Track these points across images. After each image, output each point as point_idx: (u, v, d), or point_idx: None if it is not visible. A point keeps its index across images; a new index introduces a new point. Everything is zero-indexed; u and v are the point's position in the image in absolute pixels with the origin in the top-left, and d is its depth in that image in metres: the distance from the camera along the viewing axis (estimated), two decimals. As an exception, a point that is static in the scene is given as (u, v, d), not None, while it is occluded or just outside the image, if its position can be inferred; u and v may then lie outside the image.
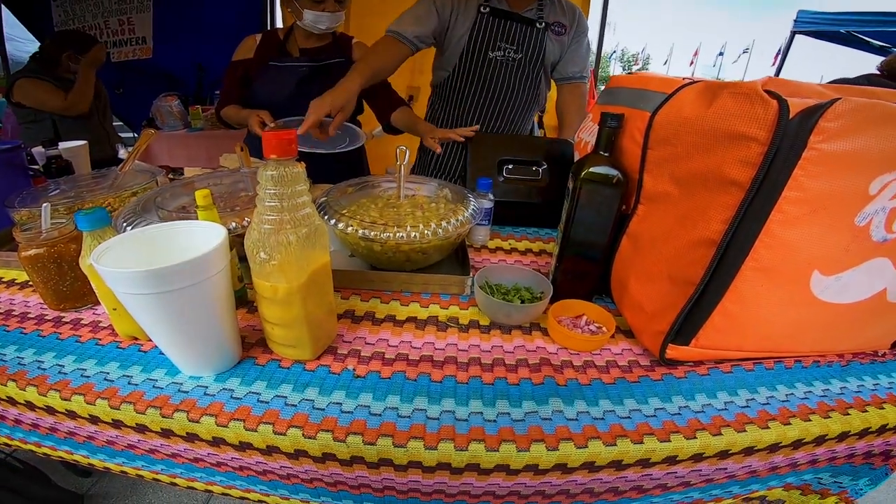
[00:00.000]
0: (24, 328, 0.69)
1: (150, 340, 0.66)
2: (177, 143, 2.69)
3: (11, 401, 0.61)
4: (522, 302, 0.73)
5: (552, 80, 1.50)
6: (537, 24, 1.34)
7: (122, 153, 1.15)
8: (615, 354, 0.68)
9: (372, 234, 0.74)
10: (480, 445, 0.52)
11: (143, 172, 1.10)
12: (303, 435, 0.52)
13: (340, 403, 0.56)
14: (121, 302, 0.52)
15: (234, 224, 0.78)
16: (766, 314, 0.60)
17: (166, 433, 0.56)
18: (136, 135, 3.18)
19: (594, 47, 3.29)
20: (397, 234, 0.74)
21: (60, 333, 0.68)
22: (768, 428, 0.56)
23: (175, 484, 0.68)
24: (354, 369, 0.62)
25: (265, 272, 0.54)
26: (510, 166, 1.07)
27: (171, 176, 1.20)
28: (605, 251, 0.73)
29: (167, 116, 2.75)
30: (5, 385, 0.59)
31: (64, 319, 0.72)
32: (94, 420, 0.58)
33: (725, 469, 0.60)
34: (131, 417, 0.56)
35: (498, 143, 1.12)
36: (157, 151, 2.68)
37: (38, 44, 3.02)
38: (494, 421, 0.55)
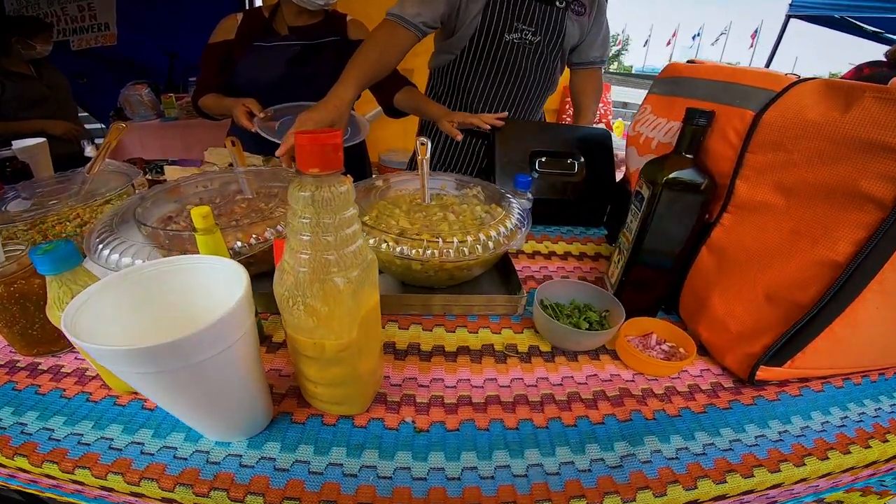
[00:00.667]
0: (-8, 381, 0.56)
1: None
2: (150, 133, 2.46)
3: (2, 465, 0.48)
4: (590, 324, 0.64)
5: (566, 65, 1.38)
6: (557, 3, 1.20)
7: (90, 150, 0.98)
8: (695, 377, 0.61)
9: (413, 252, 0.63)
10: (583, 502, 0.44)
11: (117, 174, 0.94)
12: None
13: (409, 468, 0.46)
14: (120, 378, 0.40)
15: (239, 244, 0.65)
16: (872, 335, 0.55)
17: None
18: (104, 126, 2.92)
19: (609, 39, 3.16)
20: (444, 251, 0.63)
21: (40, 386, 0.55)
22: (870, 447, 0.53)
23: None
24: (414, 421, 0.52)
25: (307, 327, 0.42)
26: (543, 159, 0.95)
27: (148, 177, 1.04)
28: (678, 260, 0.65)
29: (137, 106, 2.51)
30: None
31: (40, 367, 0.58)
32: (107, 490, 0.46)
33: (817, 486, 0.56)
34: (155, 493, 0.44)
35: (527, 132, 1.00)
36: (129, 143, 2.43)
37: None
38: (589, 471, 0.47)
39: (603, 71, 1.37)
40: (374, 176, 0.89)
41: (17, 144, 0.99)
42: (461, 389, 0.56)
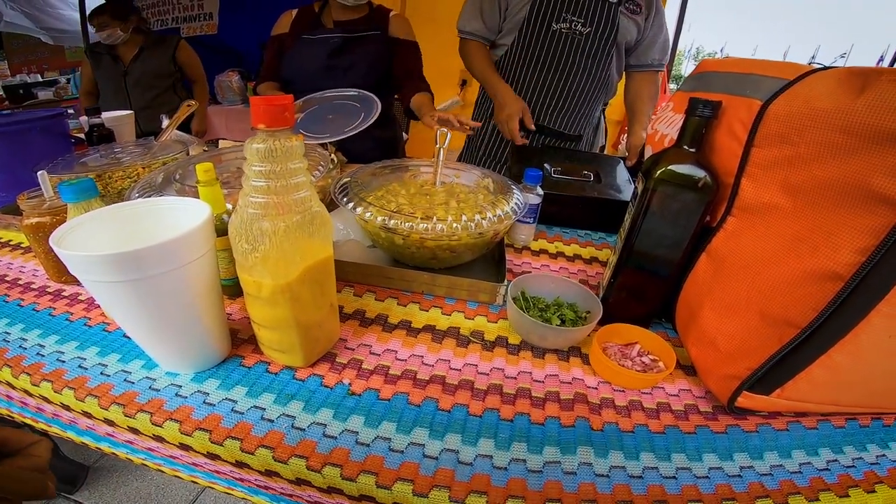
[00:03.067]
0: (23, 300, 0.66)
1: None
2: (235, 117, 2.72)
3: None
4: (563, 322, 0.60)
5: (623, 68, 1.33)
6: None
7: (165, 122, 1.12)
8: (670, 395, 0.55)
9: (391, 223, 0.64)
10: (482, 500, 0.41)
11: (178, 143, 1.06)
12: (273, 457, 0.44)
13: (325, 425, 0.47)
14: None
15: (245, 203, 0.71)
16: (883, 369, 0.45)
17: (134, 430, 0.50)
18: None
19: (670, 42, 3.00)
20: (420, 226, 0.63)
21: (54, 309, 0.64)
22: (847, 496, 0.44)
23: (162, 471, 0.63)
24: (351, 384, 0.52)
25: (248, 265, 0.45)
26: (559, 169, 0.93)
27: (205, 148, 1.16)
28: (675, 268, 0.59)
29: (227, 91, 2.80)
30: None
31: (63, 293, 0.67)
32: (66, 407, 0.52)
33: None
34: (97, 412, 0.49)
35: (544, 153, 0.99)
36: (217, 124, 2.73)
37: None
38: (505, 469, 0.44)
39: (661, 76, 1.30)
40: (397, 159, 0.91)
41: (107, 115, 1.16)
42: (410, 364, 0.56)
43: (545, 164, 1.00)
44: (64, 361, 0.54)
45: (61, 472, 1.26)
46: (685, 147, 0.54)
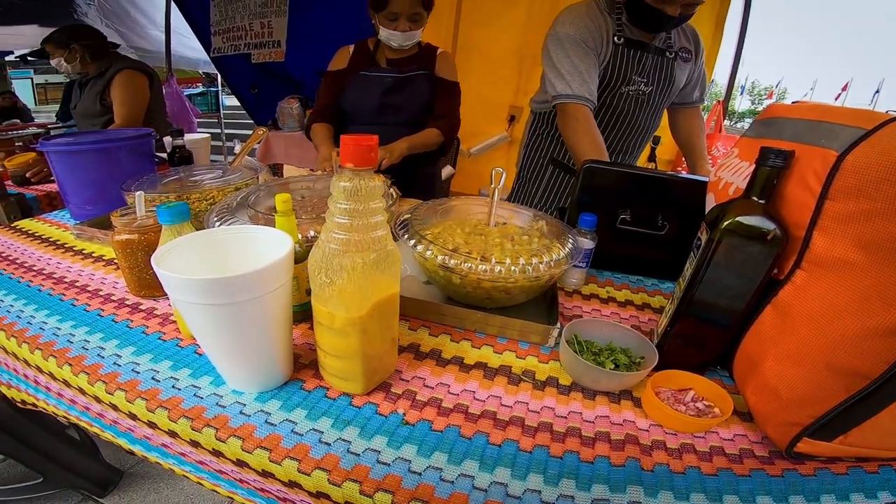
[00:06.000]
0: (103, 310, 0.72)
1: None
2: (293, 143, 2.86)
3: (67, 383, 0.62)
4: (616, 367, 0.60)
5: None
6: (667, 54, 1.20)
7: (237, 148, 1.21)
8: (724, 440, 0.54)
9: (452, 262, 0.66)
10: None
11: (249, 169, 1.14)
12: (328, 480, 0.46)
13: (379, 451, 0.49)
14: (176, 307, 0.50)
15: (312, 232, 0.75)
16: None
17: (194, 444, 0.53)
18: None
19: (726, 78, 2.97)
20: (480, 268, 0.65)
21: (132, 321, 0.69)
22: None
23: (201, 484, 0.66)
24: (405, 414, 0.54)
25: (324, 296, 0.48)
26: (626, 217, 0.88)
27: (271, 174, 1.25)
28: (737, 318, 0.58)
29: (287, 118, 2.95)
30: (61, 368, 0.60)
31: (140, 307, 0.73)
32: (132, 416, 0.56)
33: None
34: (164, 423, 0.53)
35: (613, 180, 0.89)
36: (276, 150, 2.89)
37: (196, 38, 3.33)
38: None
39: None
40: (447, 197, 0.94)
41: (188, 137, 1.26)
42: (462, 398, 0.57)
43: (618, 211, 0.90)
44: (138, 373, 0.58)
45: (95, 475, 1.30)
46: (754, 198, 0.54)
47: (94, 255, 0.92)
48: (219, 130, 4.87)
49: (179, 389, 0.56)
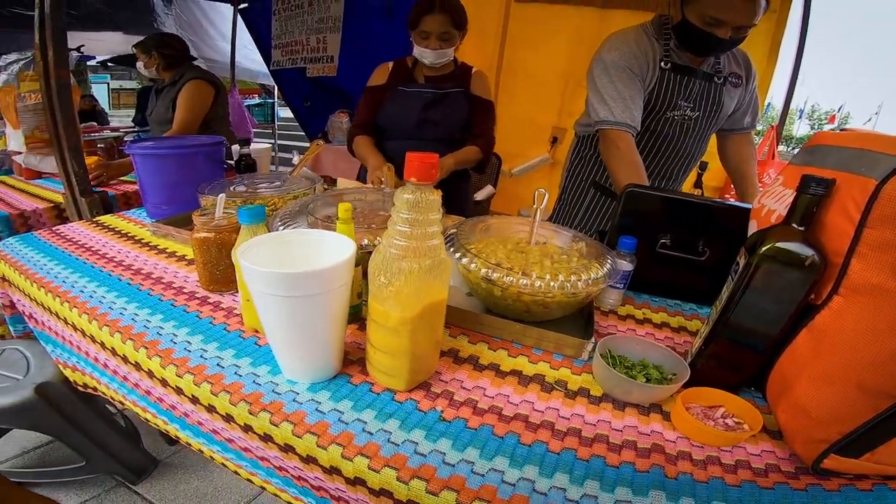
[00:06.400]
0: (176, 301, 0.80)
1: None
2: (341, 156, 2.98)
3: (137, 366, 0.69)
4: (648, 381, 0.62)
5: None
6: (716, 79, 1.20)
7: (295, 159, 1.31)
8: (751, 454, 0.55)
9: (495, 275, 0.70)
10: None
11: (307, 179, 1.23)
12: (368, 466, 0.50)
13: (416, 443, 0.53)
14: (251, 296, 0.56)
15: (366, 241, 0.81)
16: None
17: (247, 428, 0.58)
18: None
19: (781, 101, 2.87)
20: (521, 282, 0.69)
21: (201, 312, 0.77)
22: None
23: (238, 473, 0.71)
24: (442, 411, 0.58)
25: (382, 296, 0.54)
26: (667, 241, 0.89)
27: (325, 186, 1.34)
28: (771, 342, 0.59)
29: (337, 131, 3.10)
30: (137, 351, 0.68)
31: (209, 300, 0.81)
32: (194, 400, 0.63)
33: None
34: (223, 406, 0.59)
35: (656, 205, 0.91)
36: (325, 162, 3.04)
37: (258, 51, 3.53)
38: (577, 502, 0.47)
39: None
40: (489, 215, 0.99)
41: (254, 146, 1.38)
42: (497, 401, 0.61)
43: (658, 236, 0.91)
44: (206, 359, 0.65)
45: (133, 463, 1.35)
46: (794, 225, 0.55)
47: (167, 250, 1.01)
48: (273, 141, 5.14)
49: (241, 376, 0.62)
